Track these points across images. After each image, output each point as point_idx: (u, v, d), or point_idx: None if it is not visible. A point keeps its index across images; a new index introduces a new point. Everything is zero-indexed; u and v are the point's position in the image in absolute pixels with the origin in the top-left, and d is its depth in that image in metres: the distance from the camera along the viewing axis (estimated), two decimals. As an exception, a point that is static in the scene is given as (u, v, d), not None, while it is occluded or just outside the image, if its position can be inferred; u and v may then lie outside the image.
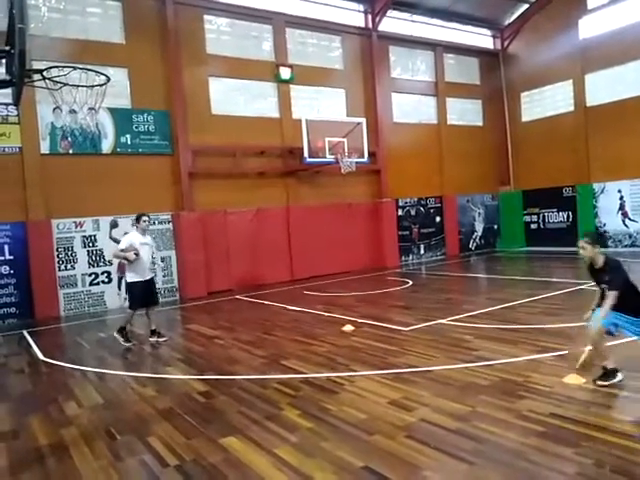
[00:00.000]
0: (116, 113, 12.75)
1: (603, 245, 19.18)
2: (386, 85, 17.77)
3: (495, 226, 21.05)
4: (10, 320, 11.38)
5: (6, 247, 11.42)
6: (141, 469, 3.98)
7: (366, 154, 15.22)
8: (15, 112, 11.42)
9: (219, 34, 14.76)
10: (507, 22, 20.70)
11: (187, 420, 4.86)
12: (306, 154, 14.30)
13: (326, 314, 9.72)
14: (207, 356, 7.32)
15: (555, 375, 5.28)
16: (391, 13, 17.68)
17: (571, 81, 18.71)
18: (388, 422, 4.44)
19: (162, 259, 13.37)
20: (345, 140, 14.73)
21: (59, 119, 12.10)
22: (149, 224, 8.57)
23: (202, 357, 7.29)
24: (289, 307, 10.80)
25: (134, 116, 13.08)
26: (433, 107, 19.33)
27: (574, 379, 5.04)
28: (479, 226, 20.59)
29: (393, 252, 17.65)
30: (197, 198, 13.83)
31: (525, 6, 19.87)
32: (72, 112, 11.77)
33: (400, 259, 17.98)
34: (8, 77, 5.66)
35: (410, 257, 18.46)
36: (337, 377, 5.82)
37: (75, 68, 6.28)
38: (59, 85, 6.21)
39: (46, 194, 11.86)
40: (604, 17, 17.67)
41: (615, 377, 4.87)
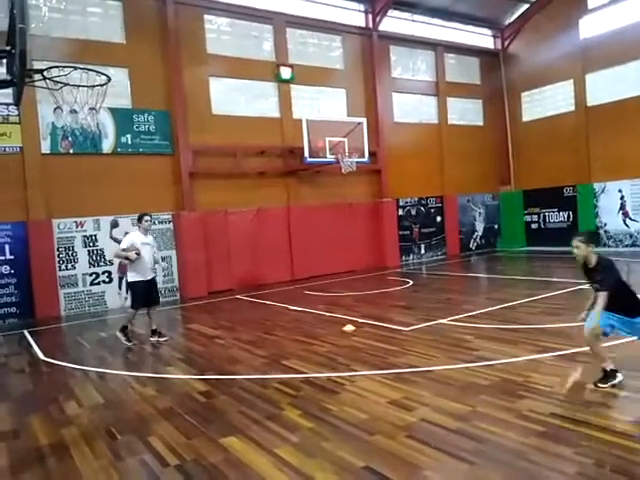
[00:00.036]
0: (117, 113, 12.76)
1: (600, 245, 18.97)
2: (387, 85, 17.77)
3: (496, 226, 21.04)
4: (11, 320, 11.39)
5: (7, 247, 11.43)
6: (141, 469, 3.98)
7: (367, 154, 15.21)
8: (16, 112, 11.43)
9: (219, 34, 14.75)
10: (508, 22, 20.69)
11: (188, 420, 4.86)
12: (307, 154, 14.29)
13: (327, 314, 9.72)
14: (208, 356, 7.32)
15: (555, 375, 5.28)
16: (392, 13, 17.68)
17: (572, 81, 18.70)
18: (389, 422, 4.44)
19: (163, 259, 13.36)
20: (346, 140, 14.72)
21: (60, 119, 12.11)
22: (151, 224, 8.58)
23: (203, 357, 7.30)
24: (290, 307, 10.80)
25: (135, 116, 13.09)
26: (434, 107, 19.32)
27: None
28: (480, 226, 20.58)
29: (394, 252, 17.64)
30: (198, 198, 13.84)
31: (526, 6, 19.86)
32: (73, 112, 11.76)
33: (401, 259, 17.97)
34: (9, 77, 5.66)
35: (411, 257, 18.46)
36: (338, 377, 5.82)
37: (76, 68, 6.27)
38: (60, 85, 6.21)
39: (47, 194, 11.87)
40: (605, 17, 17.66)
41: (615, 378, 4.85)
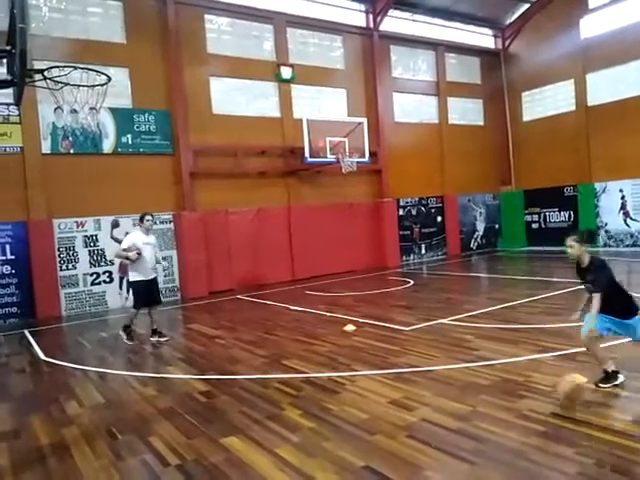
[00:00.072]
0: (117, 113, 12.76)
1: (599, 245, 18.91)
2: (387, 85, 17.76)
3: (496, 226, 21.03)
4: (11, 320, 11.39)
5: (7, 247, 11.43)
6: (142, 469, 3.98)
7: (367, 154, 15.21)
8: (16, 112, 11.43)
9: (220, 34, 14.75)
10: (508, 22, 20.68)
11: (188, 420, 4.86)
12: (307, 154, 14.28)
13: (327, 314, 9.72)
14: (208, 356, 7.32)
15: (556, 375, 5.27)
16: (392, 13, 17.67)
17: (572, 81, 18.69)
18: (389, 422, 4.44)
19: (164, 259, 13.35)
20: (346, 140, 14.71)
21: (60, 119, 12.11)
22: (152, 224, 8.57)
23: (203, 357, 7.30)
24: (290, 307, 10.80)
25: (135, 116, 13.09)
26: (434, 107, 19.32)
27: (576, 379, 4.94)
28: (480, 226, 20.57)
29: (394, 252, 17.64)
30: (198, 198, 13.84)
31: (526, 6, 19.85)
32: (73, 112, 11.75)
33: (401, 259, 17.97)
34: (9, 77, 5.65)
35: (411, 257, 18.45)
36: (338, 377, 5.82)
37: (76, 68, 6.26)
38: (60, 85, 6.20)
39: (47, 194, 11.87)
40: (605, 16, 17.65)
41: (617, 379, 4.84)
